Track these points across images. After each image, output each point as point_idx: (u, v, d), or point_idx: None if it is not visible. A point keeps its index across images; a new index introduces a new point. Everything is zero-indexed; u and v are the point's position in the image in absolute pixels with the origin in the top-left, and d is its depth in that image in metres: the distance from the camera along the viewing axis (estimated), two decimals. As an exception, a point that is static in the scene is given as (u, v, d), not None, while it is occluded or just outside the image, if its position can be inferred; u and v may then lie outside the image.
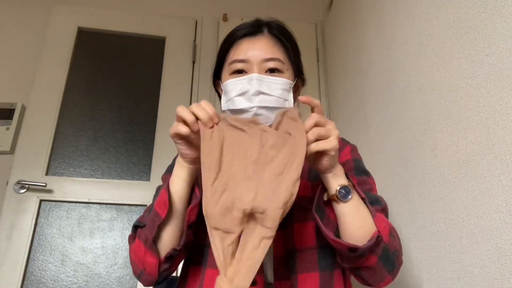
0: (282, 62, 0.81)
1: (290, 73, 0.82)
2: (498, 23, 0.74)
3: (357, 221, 0.67)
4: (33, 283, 1.64)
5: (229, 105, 0.79)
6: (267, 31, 0.83)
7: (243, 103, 0.76)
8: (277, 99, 0.77)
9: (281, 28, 0.86)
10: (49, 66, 1.96)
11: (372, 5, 1.48)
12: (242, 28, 0.84)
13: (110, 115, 1.98)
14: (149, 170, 1.88)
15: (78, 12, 2.12)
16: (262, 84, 0.76)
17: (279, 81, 0.78)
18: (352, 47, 1.72)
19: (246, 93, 0.76)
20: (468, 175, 0.81)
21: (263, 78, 0.77)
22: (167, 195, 0.69)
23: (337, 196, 0.66)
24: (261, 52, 0.79)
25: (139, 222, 0.73)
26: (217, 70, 0.88)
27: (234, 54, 0.81)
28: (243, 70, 0.80)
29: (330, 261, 0.75)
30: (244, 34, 0.83)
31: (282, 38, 0.84)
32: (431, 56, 1.00)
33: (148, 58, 2.13)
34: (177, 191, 0.70)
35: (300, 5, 2.39)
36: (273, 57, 0.80)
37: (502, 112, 0.72)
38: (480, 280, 0.76)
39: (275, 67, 0.79)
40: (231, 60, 0.81)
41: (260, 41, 0.81)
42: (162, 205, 0.68)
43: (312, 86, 2.15)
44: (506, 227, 0.70)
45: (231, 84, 0.79)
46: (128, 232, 1.76)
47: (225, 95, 0.81)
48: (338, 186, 0.66)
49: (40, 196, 1.75)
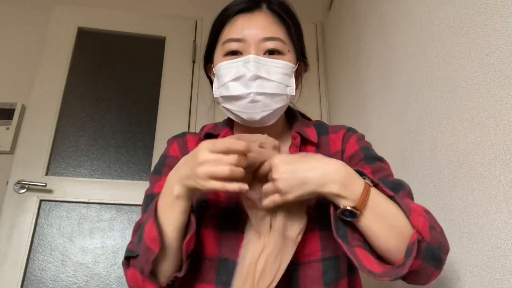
0: (283, 42, 0.72)
1: (291, 55, 0.73)
2: (498, 23, 0.74)
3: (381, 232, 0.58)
4: (33, 283, 1.64)
5: (222, 91, 0.71)
6: (266, 6, 0.74)
7: (238, 89, 0.68)
8: (277, 85, 0.69)
9: (282, 4, 0.75)
10: (49, 66, 1.96)
11: (372, 5, 1.48)
12: (237, 3, 0.74)
13: (110, 115, 1.98)
14: (149, 170, 1.88)
15: (78, 12, 2.12)
16: (260, 68, 0.68)
17: (279, 64, 0.70)
18: (352, 47, 1.72)
19: (242, 78, 0.68)
20: (468, 175, 0.81)
21: (261, 60, 0.68)
22: (156, 230, 0.59)
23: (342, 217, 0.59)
24: (259, 31, 0.70)
25: (131, 252, 0.63)
26: (208, 52, 0.78)
27: (228, 33, 0.72)
28: (239, 51, 0.71)
29: (335, 273, 0.67)
30: (240, 9, 0.73)
31: (284, 15, 0.74)
32: (431, 56, 1.00)
33: (148, 58, 2.13)
34: (176, 224, 0.61)
35: (300, 5, 2.36)
36: (273, 36, 0.70)
37: (502, 112, 0.72)
38: (480, 280, 0.76)
39: (275, 47, 0.70)
40: (224, 39, 0.72)
41: (258, 18, 0.71)
42: (153, 240, 0.60)
43: (312, 86, 2.15)
44: (506, 227, 0.70)
45: (224, 67, 0.70)
46: (128, 232, 1.77)
47: (217, 80, 0.73)
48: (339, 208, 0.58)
49: (40, 196, 1.75)
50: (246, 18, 0.72)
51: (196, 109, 2.04)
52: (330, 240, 0.66)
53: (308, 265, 0.66)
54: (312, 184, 0.58)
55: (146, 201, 0.75)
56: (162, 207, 0.62)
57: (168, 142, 0.83)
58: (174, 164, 0.77)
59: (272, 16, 0.73)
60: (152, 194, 0.75)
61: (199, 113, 2.04)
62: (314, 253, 0.67)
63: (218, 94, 0.73)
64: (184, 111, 2.03)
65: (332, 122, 2.03)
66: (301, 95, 0.83)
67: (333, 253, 0.68)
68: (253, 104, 0.68)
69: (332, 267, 0.67)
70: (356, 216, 0.58)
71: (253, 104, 0.68)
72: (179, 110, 2.02)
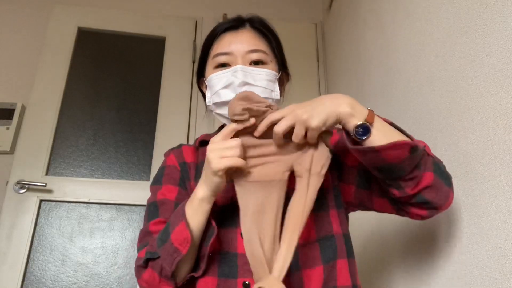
0: (266, 53, 0.81)
1: (274, 65, 0.82)
2: (498, 23, 0.74)
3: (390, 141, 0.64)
4: (33, 283, 1.64)
5: (214, 99, 0.79)
6: (249, 25, 0.84)
7: (228, 95, 0.76)
8: (263, 90, 0.77)
9: (262, 22, 0.86)
10: (49, 66, 1.96)
11: (372, 5, 1.48)
12: (224, 23, 0.85)
13: (110, 115, 1.98)
14: (149, 170, 1.88)
15: (78, 12, 2.12)
16: (247, 75, 0.76)
17: (263, 71, 0.78)
18: (352, 47, 1.72)
19: (231, 85, 0.76)
20: (468, 175, 0.81)
21: (247, 69, 0.77)
22: (188, 231, 0.66)
23: (355, 136, 0.64)
24: (244, 44, 0.80)
25: (152, 254, 0.69)
26: (200, 67, 0.88)
27: (218, 48, 0.82)
28: (227, 63, 0.80)
29: (332, 251, 0.74)
30: (227, 28, 0.83)
31: (265, 31, 0.85)
32: (431, 56, 1.00)
33: (148, 58, 2.13)
34: (199, 225, 0.68)
35: (300, 5, 2.39)
36: (257, 49, 0.80)
37: (502, 112, 0.72)
38: (480, 280, 0.76)
39: (258, 58, 0.80)
40: (214, 54, 0.81)
41: (243, 34, 0.82)
42: (183, 241, 0.66)
43: (312, 86, 2.15)
44: (506, 227, 0.70)
45: (215, 77, 0.79)
46: (128, 232, 1.77)
47: (209, 90, 0.81)
48: (353, 125, 0.65)
49: (40, 196, 1.75)
50: (233, 34, 0.82)
51: (196, 109, 2.04)
52: (323, 221, 0.75)
53: (306, 246, 0.72)
54: (329, 106, 0.65)
55: (149, 209, 0.80)
56: (189, 210, 0.69)
57: (165, 155, 0.90)
58: (172, 173, 0.84)
59: (254, 32, 0.84)
60: (155, 202, 0.80)
61: (199, 113, 2.04)
62: (310, 235, 0.74)
63: (211, 102, 0.81)
64: (184, 111, 2.03)
65: (332, 122, 2.03)
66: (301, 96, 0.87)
67: (327, 232, 0.75)
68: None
69: (329, 245, 0.74)
70: (369, 131, 0.64)
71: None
72: (179, 110, 2.02)
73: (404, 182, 0.65)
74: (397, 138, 0.63)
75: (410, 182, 0.65)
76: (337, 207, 0.79)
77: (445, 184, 0.67)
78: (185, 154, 0.87)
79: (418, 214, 0.70)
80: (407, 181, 0.65)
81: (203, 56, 0.86)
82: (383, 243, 1.23)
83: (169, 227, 0.69)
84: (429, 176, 0.65)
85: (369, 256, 1.33)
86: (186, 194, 0.81)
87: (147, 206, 0.81)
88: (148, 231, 0.76)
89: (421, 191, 0.65)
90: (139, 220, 1.80)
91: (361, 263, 1.14)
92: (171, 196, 0.80)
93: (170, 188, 0.81)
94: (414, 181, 0.65)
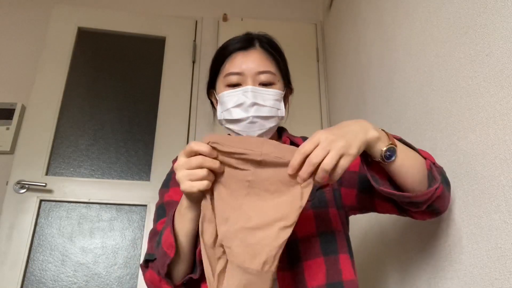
0: (274, 74, 0.86)
1: (280, 84, 0.88)
2: (498, 23, 0.74)
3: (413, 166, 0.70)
4: (33, 283, 1.64)
5: (226, 115, 0.85)
6: (259, 45, 0.89)
7: (239, 113, 0.82)
8: (270, 109, 0.83)
9: (270, 41, 0.91)
10: (49, 66, 1.96)
11: (372, 5, 1.48)
12: (235, 42, 0.89)
13: (110, 115, 1.98)
14: (149, 170, 1.88)
15: (78, 12, 2.12)
16: (257, 96, 0.82)
17: (271, 92, 0.84)
18: (352, 47, 1.72)
19: (242, 105, 0.82)
20: (468, 175, 0.81)
21: (257, 90, 0.83)
22: (173, 237, 0.70)
23: (383, 159, 0.66)
24: (254, 65, 0.84)
25: (149, 255, 0.75)
26: (211, 81, 0.93)
27: (230, 67, 0.86)
28: (238, 82, 0.85)
29: (334, 246, 0.78)
30: (238, 48, 0.88)
31: (273, 51, 0.89)
32: (431, 56, 1.00)
33: (148, 58, 2.13)
34: (186, 232, 0.71)
35: (300, 5, 2.39)
36: (266, 70, 0.85)
37: (502, 112, 0.72)
38: (480, 280, 0.76)
39: (267, 80, 0.85)
40: (226, 73, 0.86)
41: (253, 55, 0.86)
42: (169, 246, 0.70)
43: (312, 86, 2.15)
44: (506, 227, 0.70)
45: (227, 96, 0.84)
46: (128, 232, 1.77)
47: (221, 105, 0.87)
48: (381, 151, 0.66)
49: (40, 196, 1.75)
50: (244, 55, 0.86)
51: (196, 109, 2.05)
52: (323, 218, 0.80)
53: (307, 239, 0.77)
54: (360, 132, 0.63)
55: (158, 212, 0.86)
56: (177, 216, 0.72)
57: (173, 161, 0.94)
58: None
59: (263, 53, 0.88)
60: (162, 205, 0.87)
61: (199, 113, 2.04)
62: (310, 229, 0.78)
63: (222, 117, 0.86)
64: (184, 111, 2.03)
65: (332, 122, 2.03)
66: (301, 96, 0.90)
67: (328, 229, 0.79)
68: (251, 125, 0.82)
69: (329, 240, 0.78)
70: (395, 153, 0.67)
71: (252, 125, 0.82)
72: (179, 110, 2.02)
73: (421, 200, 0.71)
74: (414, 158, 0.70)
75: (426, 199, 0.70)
76: (337, 208, 0.83)
77: (447, 191, 0.75)
78: None
79: (423, 219, 0.78)
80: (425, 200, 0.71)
81: (214, 71, 0.91)
82: (382, 243, 1.23)
83: (162, 231, 0.74)
84: (440, 189, 0.71)
85: (368, 255, 1.33)
86: None
87: (156, 209, 0.87)
88: (156, 231, 0.81)
89: (434, 202, 0.72)
90: (139, 220, 1.80)
91: (359, 263, 1.14)
92: (178, 198, 0.82)
93: (178, 190, 0.82)
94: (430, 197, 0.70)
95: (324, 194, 0.83)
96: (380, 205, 0.81)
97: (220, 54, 0.90)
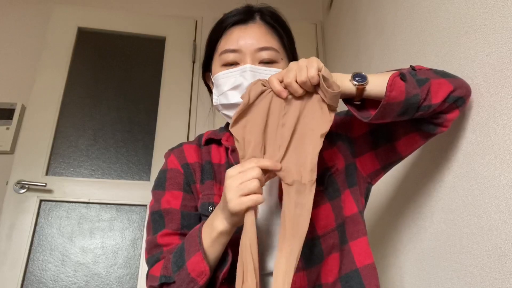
0: (277, 51, 0.76)
1: (285, 63, 0.77)
2: (498, 23, 0.74)
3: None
4: (33, 283, 1.64)
5: (222, 99, 0.75)
6: (260, 18, 0.78)
7: (237, 97, 0.72)
8: None
9: (274, 14, 0.80)
10: (49, 66, 1.96)
11: (372, 5, 1.48)
12: (232, 15, 0.78)
13: (110, 115, 1.98)
14: (149, 170, 1.88)
15: (78, 12, 2.12)
16: (256, 76, 0.71)
17: (274, 71, 0.71)
18: (352, 47, 1.72)
19: (239, 87, 0.72)
20: (468, 175, 0.81)
21: (257, 69, 0.72)
22: (205, 264, 0.63)
23: (358, 84, 0.65)
24: (254, 41, 0.74)
25: (167, 278, 0.66)
26: (206, 62, 0.82)
27: (225, 44, 0.76)
28: (235, 61, 0.75)
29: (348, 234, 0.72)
30: (235, 21, 0.77)
31: (276, 25, 0.79)
32: (431, 56, 1.00)
33: (148, 58, 2.13)
34: (216, 256, 0.65)
35: (300, 5, 2.39)
36: (267, 46, 0.74)
37: (502, 112, 0.72)
38: (480, 280, 0.76)
39: (269, 57, 0.74)
40: (221, 50, 0.76)
41: (253, 29, 0.76)
42: (201, 274, 0.63)
43: (312, 86, 2.15)
44: (506, 227, 0.70)
45: (222, 77, 0.74)
46: (128, 232, 1.77)
47: (216, 89, 0.76)
48: (349, 76, 0.66)
49: (40, 196, 1.75)
50: (241, 29, 0.76)
51: (196, 109, 2.05)
52: (339, 207, 0.73)
53: (327, 236, 0.71)
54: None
55: (154, 218, 0.76)
56: (206, 239, 0.64)
57: (165, 156, 0.84)
58: (175, 177, 0.78)
59: (265, 26, 0.77)
60: (160, 211, 0.76)
61: (199, 113, 2.04)
62: (329, 223, 0.71)
63: (218, 102, 0.76)
64: (184, 111, 2.03)
65: (332, 122, 2.03)
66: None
67: (342, 219, 0.73)
68: None
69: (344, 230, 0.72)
70: (365, 77, 0.65)
71: None
72: (179, 110, 2.02)
73: (428, 103, 0.66)
74: (387, 75, 0.64)
75: (431, 96, 0.66)
76: (351, 186, 0.77)
77: (452, 77, 0.71)
78: (186, 154, 0.82)
79: (452, 119, 0.72)
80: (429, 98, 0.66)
81: (209, 50, 0.81)
82: (381, 242, 1.23)
83: (184, 253, 0.65)
84: (440, 81, 0.67)
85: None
86: (191, 198, 0.77)
87: (151, 214, 0.77)
88: (156, 244, 0.72)
89: (449, 94, 0.68)
90: (139, 220, 1.79)
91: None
92: (176, 204, 0.75)
93: (175, 194, 0.77)
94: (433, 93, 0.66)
95: (335, 181, 0.75)
96: (403, 143, 0.74)
97: (215, 29, 0.80)
